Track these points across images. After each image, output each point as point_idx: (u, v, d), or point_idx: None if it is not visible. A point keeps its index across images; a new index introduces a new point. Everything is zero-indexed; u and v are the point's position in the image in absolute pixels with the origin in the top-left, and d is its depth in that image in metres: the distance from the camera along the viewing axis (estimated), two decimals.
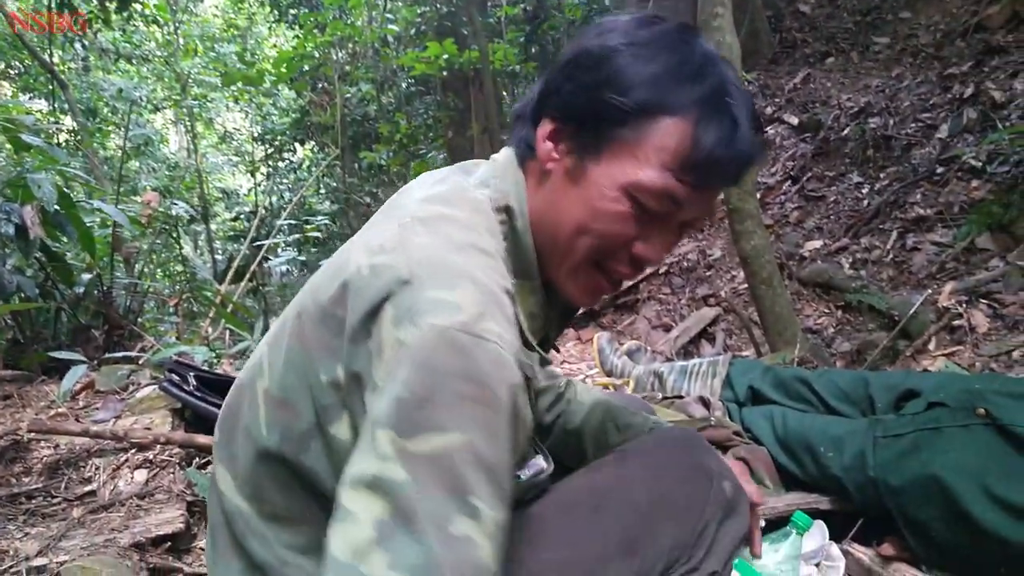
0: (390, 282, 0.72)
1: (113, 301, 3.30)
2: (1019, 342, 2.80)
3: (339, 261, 0.82)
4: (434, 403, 0.64)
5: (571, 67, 0.89)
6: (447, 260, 0.75)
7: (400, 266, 0.74)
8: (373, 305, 0.72)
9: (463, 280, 0.73)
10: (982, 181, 3.83)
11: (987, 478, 1.47)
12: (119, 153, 9.38)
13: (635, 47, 0.85)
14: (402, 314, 0.70)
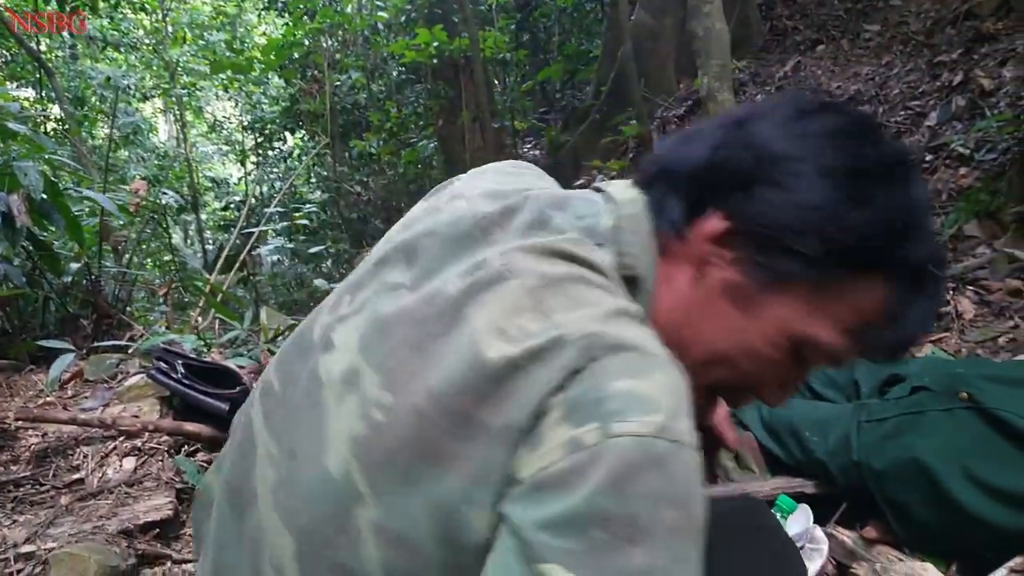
0: (558, 371, 0.56)
1: (102, 290, 3.29)
2: (1005, 328, 2.82)
3: (450, 347, 0.61)
4: (628, 534, 0.51)
5: (779, 169, 0.67)
6: (619, 337, 0.58)
7: (563, 348, 0.57)
8: (540, 401, 0.56)
9: (648, 363, 0.58)
10: (970, 168, 3.84)
11: (969, 461, 1.48)
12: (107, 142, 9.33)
13: (859, 175, 0.67)
14: (583, 410, 0.54)
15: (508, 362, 0.57)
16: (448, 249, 0.70)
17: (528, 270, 0.64)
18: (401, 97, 8.26)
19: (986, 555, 1.44)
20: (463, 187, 0.80)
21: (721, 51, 2.98)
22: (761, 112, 0.73)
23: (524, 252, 0.66)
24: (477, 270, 0.65)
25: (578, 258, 0.66)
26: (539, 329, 0.59)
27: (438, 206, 0.78)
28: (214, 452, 2.06)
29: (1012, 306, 2.92)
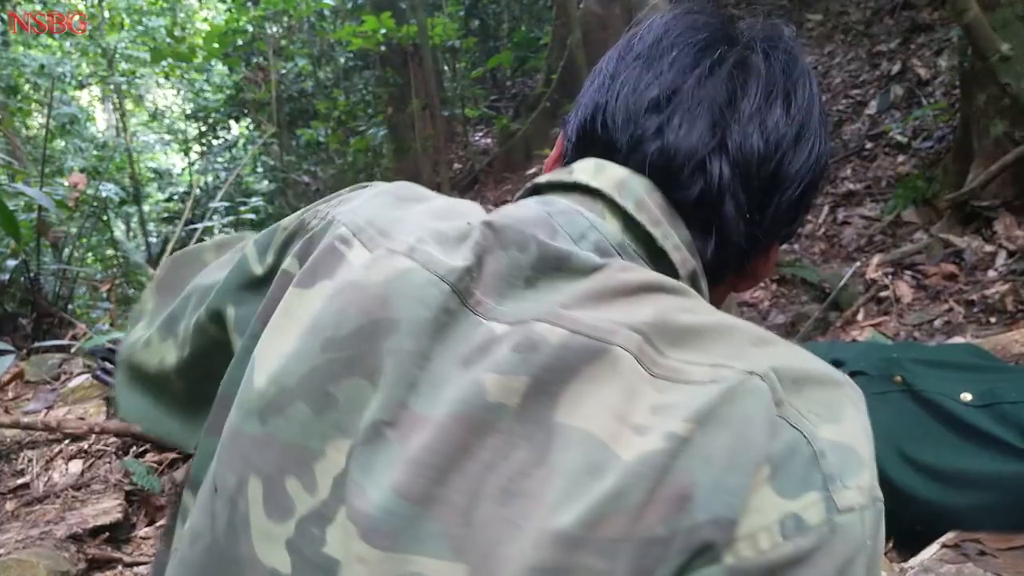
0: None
1: (41, 288, 3.19)
2: (940, 311, 2.94)
3: (557, 470, 0.43)
4: None
5: (818, 161, 0.58)
6: (796, 368, 0.46)
7: (737, 400, 0.43)
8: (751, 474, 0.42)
9: (837, 397, 0.47)
10: (908, 156, 3.98)
11: (902, 442, 1.56)
12: (42, 132, 9.02)
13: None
14: (793, 471, 0.42)
15: (665, 451, 0.41)
16: (427, 339, 0.48)
17: (620, 327, 0.45)
18: (349, 84, 8.16)
19: (920, 531, 1.51)
20: (378, 235, 0.55)
21: None
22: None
23: (591, 304, 0.48)
24: (529, 352, 0.45)
25: (660, 286, 0.50)
26: (687, 397, 0.43)
27: (353, 279, 0.52)
28: (163, 452, 2.03)
29: (947, 290, 3.04)
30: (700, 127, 0.54)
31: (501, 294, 0.49)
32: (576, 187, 0.56)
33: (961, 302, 2.92)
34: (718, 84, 0.55)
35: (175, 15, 10.15)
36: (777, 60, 0.57)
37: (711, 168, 0.53)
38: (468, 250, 0.51)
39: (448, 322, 0.48)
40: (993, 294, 2.81)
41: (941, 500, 1.46)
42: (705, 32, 0.58)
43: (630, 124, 0.55)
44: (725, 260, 0.57)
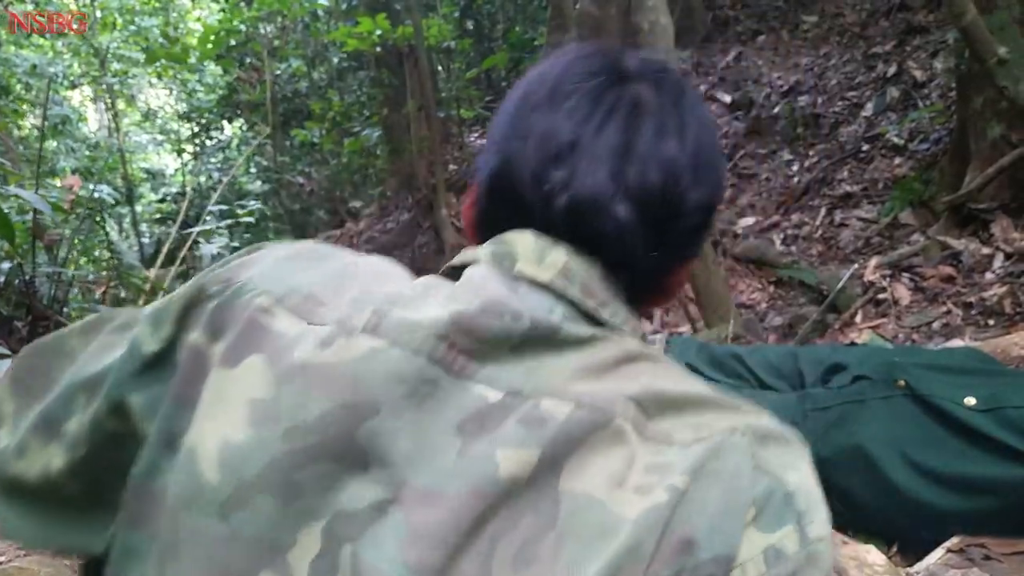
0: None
1: (37, 291, 3.17)
2: (938, 313, 2.94)
3: (568, 538, 0.46)
4: None
5: (716, 184, 0.63)
6: (760, 426, 0.53)
7: (724, 455, 0.50)
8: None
9: (794, 452, 0.53)
10: (904, 158, 3.99)
11: (906, 446, 1.55)
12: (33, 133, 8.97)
13: None
14: (771, 510, 0.49)
15: (667, 503, 0.45)
16: (413, 413, 0.49)
17: (618, 398, 0.49)
18: (343, 85, 8.13)
19: (925, 536, 1.51)
20: (309, 303, 0.53)
21: (666, 44, 3.02)
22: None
23: (588, 377, 0.51)
24: (537, 427, 0.47)
25: (638, 355, 0.54)
26: (678, 457, 0.48)
27: (306, 361, 0.50)
28: None
29: (945, 292, 3.04)
30: (602, 174, 0.56)
31: (484, 356, 0.50)
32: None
33: (959, 304, 2.92)
34: (615, 129, 0.57)
35: (167, 15, 10.10)
36: (667, 94, 0.60)
37: (615, 211, 0.56)
38: (446, 317, 0.51)
39: (431, 392, 0.49)
40: (991, 296, 2.82)
41: (945, 504, 1.46)
42: (600, 75, 0.60)
43: (538, 180, 0.57)
44: (640, 289, 0.61)
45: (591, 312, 0.55)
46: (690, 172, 0.58)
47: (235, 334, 0.52)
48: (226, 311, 0.54)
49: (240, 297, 0.54)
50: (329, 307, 0.53)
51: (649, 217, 0.57)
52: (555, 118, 0.58)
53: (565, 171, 0.56)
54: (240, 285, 0.55)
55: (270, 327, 0.52)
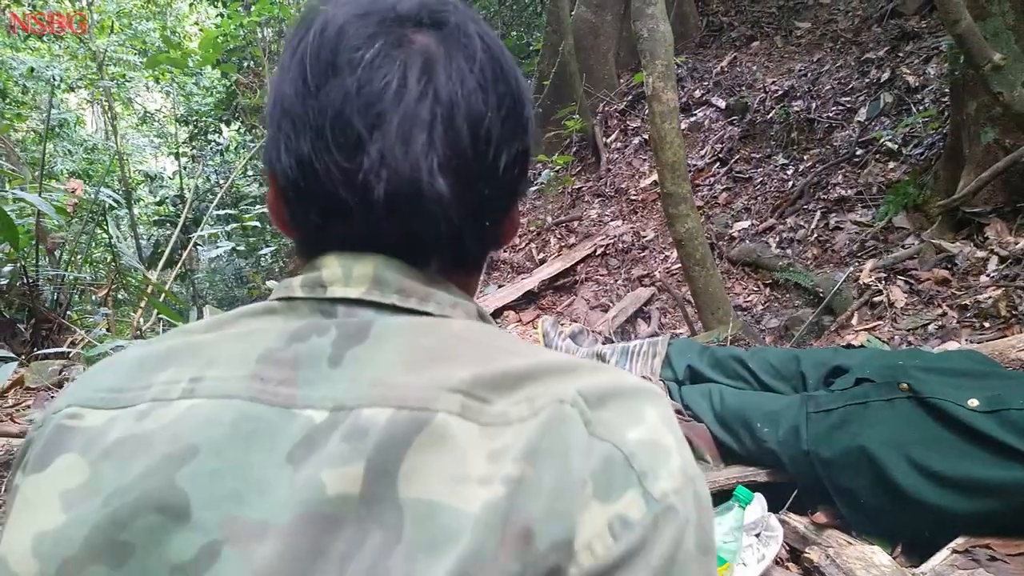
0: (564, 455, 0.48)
1: (40, 294, 3.18)
2: (933, 316, 2.98)
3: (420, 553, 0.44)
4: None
5: (524, 119, 0.60)
6: (595, 386, 0.52)
7: (554, 429, 0.48)
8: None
9: (637, 400, 0.53)
10: (898, 163, 4.03)
11: (910, 448, 1.58)
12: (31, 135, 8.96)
13: None
14: (610, 479, 0.48)
15: (505, 496, 0.44)
16: (237, 451, 0.47)
17: (439, 392, 0.48)
18: None
19: (929, 537, 1.54)
20: (115, 395, 0.52)
21: (665, 51, 3.05)
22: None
23: (406, 371, 0.49)
24: (359, 439, 0.46)
25: (461, 335, 0.54)
26: (513, 438, 0.46)
27: (121, 437, 0.49)
28: None
29: (940, 295, 3.08)
30: (413, 152, 0.52)
31: (308, 381, 0.49)
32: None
33: (954, 307, 2.96)
34: (412, 97, 0.52)
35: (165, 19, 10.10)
36: (454, 39, 0.55)
37: (436, 189, 0.52)
38: (253, 360, 0.51)
39: (256, 427, 0.47)
40: (986, 299, 2.86)
41: (950, 506, 1.49)
42: (380, 37, 0.54)
43: (347, 175, 0.52)
44: (477, 245, 0.60)
45: (417, 310, 0.55)
46: (499, 123, 0.55)
47: (40, 446, 0.51)
48: (38, 440, 0.53)
49: (49, 424, 0.53)
50: (137, 391, 0.51)
51: (466, 182, 0.54)
52: (344, 98, 0.52)
53: (372, 157, 0.52)
54: (48, 417, 0.54)
55: (77, 427, 0.51)
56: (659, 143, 3.13)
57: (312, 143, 0.53)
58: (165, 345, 0.55)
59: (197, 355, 0.53)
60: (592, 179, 5.81)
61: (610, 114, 6.18)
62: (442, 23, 0.56)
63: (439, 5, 0.57)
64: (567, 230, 5.32)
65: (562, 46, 5.98)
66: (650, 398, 0.52)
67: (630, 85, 6.32)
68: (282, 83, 0.56)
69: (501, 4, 8.36)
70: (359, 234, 0.55)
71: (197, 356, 0.53)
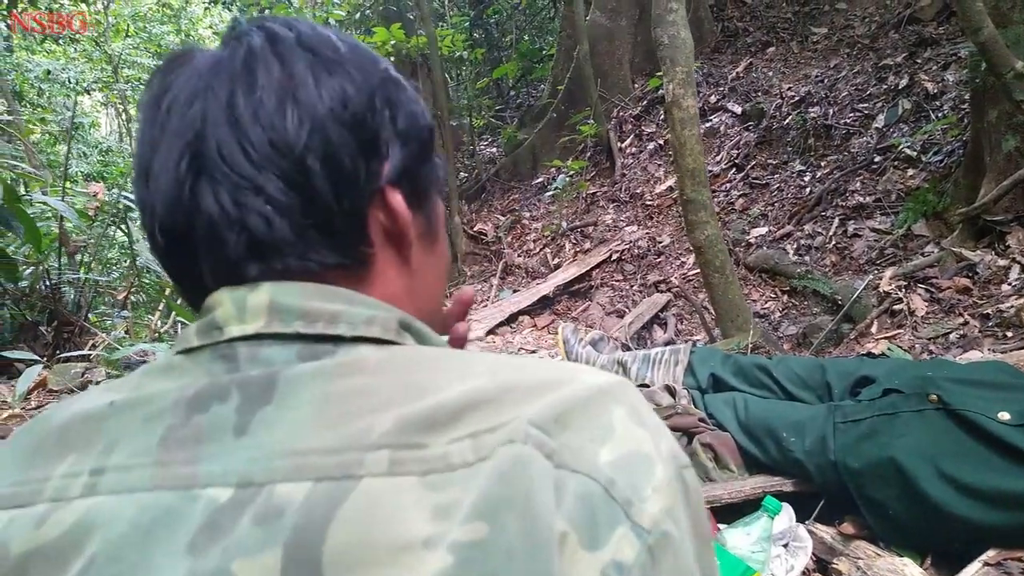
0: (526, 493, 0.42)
1: (62, 297, 3.20)
2: (955, 325, 2.97)
3: None
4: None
5: (395, 122, 0.57)
6: (546, 405, 0.46)
7: (510, 468, 0.42)
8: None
9: (598, 405, 0.47)
10: (917, 170, 4.02)
11: (940, 460, 1.58)
12: (46, 137, 9.02)
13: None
14: (592, 519, 0.41)
15: (456, 564, 0.37)
16: (134, 549, 0.42)
17: (362, 453, 0.41)
18: None
19: (960, 549, 1.53)
20: (56, 482, 0.46)
21: (686, 58, 3.05)
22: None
23: (320, 433, 0.43)
24: (274, 520, 0.40)
25: (380, 367, 0.47)
26: (462, 490, 0.39)
27: (24, 550, 0.44)
28: None
29: (961, 303, 3.07)
30: (170, 165, 0.50)
31: (211, 456, 0.43)
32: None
33: (976, 316, 2.95)
34: (175, 118, 0.51)
35: (179, 23, 10.16)
36: (270, 43, 0.53)
37: (207, 201, 0.49)
38: (155, 442, 0.45)
39: (154, 516, 0.42)
40: (1008, 308, 2.84)
41: (981, 518, 1.48)
42: (168, 69, 0.54)
43: (143, 204, 0.52)
44: (335, 238, 0.53)
45: (327, 335, 0.49)
46: (294, 108, 0.50)
47: None
48: None
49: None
50: (34, 485, 0.46)
51: (290, 178, 0.50)
52: (144, 134, 0.52)
53: (151, 185, 0.51)
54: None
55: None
56: (679, 150, 3.13)
57: (139, 192, 0.53)
58: (63, 421, 0.50)
59: (96, 437, 0.47)
60: (607, 184, 5.81)
61: (625, 119, 6.18)
62: (264, 28, 0.54)
63: (235, 23, 0.56)
64: (582, 235, 5.32)
65: (577, 51, 5.99)
66: (612, 394, 0.46)
67: (645, 90, 6.32)
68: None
69: (514, 9, 8.38)
70: (211, 264, 0.51)
71: (96, 439, 0.47)
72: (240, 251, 0.50)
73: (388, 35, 5.68)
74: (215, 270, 0.51)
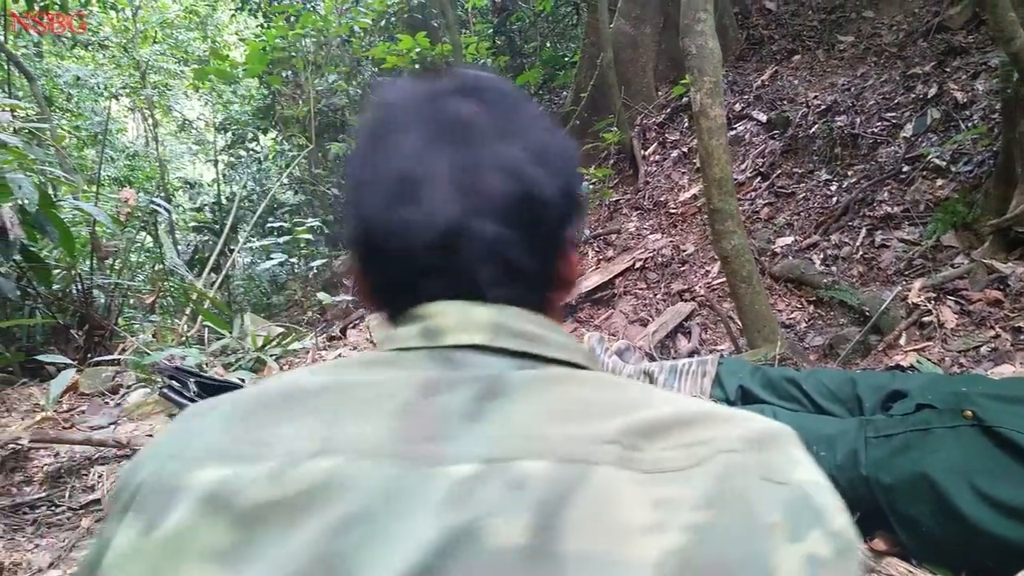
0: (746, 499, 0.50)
1: (93, 301, 3.25)
2: (986, 337, 2.93)
3: None
4: None
5: (571, 178, 0.64)
6: (752, 430, 0.54)
7: (731, 476, 0.50)
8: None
9: (784, 440, 0.55)
10: (947, 180, 3.97)
11: (975, 476, 1.56)
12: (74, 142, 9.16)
13: None
14: (796, 519, 0.49)
15: (689, 542, 0.44)
16: (385, 519, 0.47)
17: (594, 446, 0.49)
18: None
19: (994, 568, 1.51)
20: (284, 445, 0.51)
21: (714, 68, 3.05)
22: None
23: (554, 424, 0.50)
24: (519, 490, 0.46)
25: (599, 383, 0.55)
26: (681, 487, 0.47)
27: (257, 500, 0.48)
28: None
29: (992, 316, 3.03)
30: (447, 199, 0.56)
31: (449, 437, 0.49)
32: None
33: (1008, 329, 2.91)
34: (447, 150, 0.58)
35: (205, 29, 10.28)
36: (495, 104, 0.61)
37: (476, 231, 0.56)
38: (394, 415, 0.51)
39: (403, 489, 0.47)
40: None
41: (1016, 537, 1.46)
42: (426, 104, 0.61)
43: (391, 226, 0.57)
44: (541, 293, 0.62)
45: (537, 355, 0.56)
46: (534, 166, 0.59)
47: (149, 499, 0.51)
48: (137, 488, 0.52)
49: (147, 475, 0.53)
50: (253, 447, 0.51)
51: (515, 223, 0.57)
52: (388, 158, 0.59)
53: (417, 208, 0.56)
54: (142, 465, 0.54)
55: (190, 483, 0.50)
56: (706, 159, 3.12)
57: (375, 201, 0.58)
58: (276, 392, 0.55)
59: (315, 408, 0.53)
60: (630, 192, 5.80)
61: (648, 127, 6.17)
62: (482, 90, 0.62)
63: (481, 78, 0.64)
64: (605, 243, 5.31)
65: (600, 58, 5.99)
66: (791, 439, 0.53)
67: (669, 97, 6.31)
68: (349, 160, 0.63)
69: (537, 16, 8.39)
70: (437, 284, 0.58)
71: (316, 409, 0.52)
72: (483, 276, 0.57)
73: (413, 43, 5.72)
74: (449, 286, 0.58)
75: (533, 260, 0.59)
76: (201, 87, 9.35)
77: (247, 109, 9.43)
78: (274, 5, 7.02)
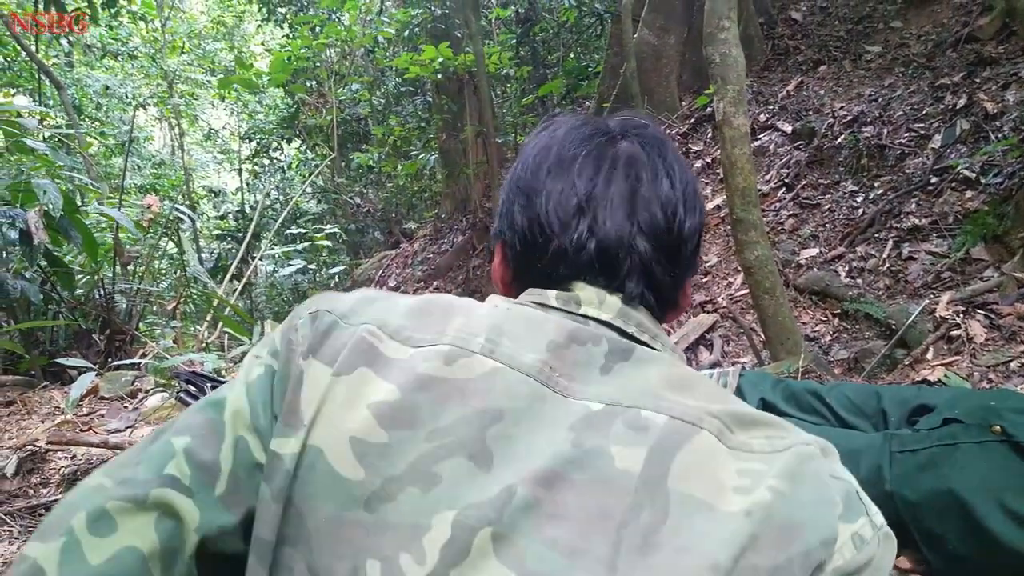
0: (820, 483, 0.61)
1: (115, 306, 3.27)
2: (1016, 352, 2.86)
3: (684, 529, 0.54)
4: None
5: (699, 203, 0.76)
6: (811, 440, 0.64)
7: (808, 460, 0.60)
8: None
9: (839, 463, 0.66)
10: (976, 192, 3.89)
11: (1004, 494, 1.51)
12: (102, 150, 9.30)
13: None
14: (850, 506, 0.60)
15: (773, 501, 0.54)
16: (528, 424, 0.58)
17: (704, 414, 0.59)
18: (400, 108, 8.27)
19: None
20: (412, 333, 0.64)
21: (737, 77, 3.01)
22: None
23: (671, 391, 0.61)
24: (642, 431, 0.57)
25: (699, 377, 0.65)
26: (762, 464, 0.57)
27: (432, 375, 0.60)
28: None
29: (1023, 330, 2.96)
30: (619, 218, 0.69)
31: (583, 379, 0.61)
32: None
33: None
34: (619, 180, 0.70)
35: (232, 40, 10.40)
36: (652, 146, 0.73)
37: (637, 246, 0.69)
38: (543, 347, 0.63)
39: (541, 406, 0.59)
40: None
41: None
42: (594, 139, 0.73)
43: (567, 229, 0.69)
44: (662, 306, 0.73)
45: (646, 344, 0.67)
46: (683, 205, 0.71)
47: (348, 351, 0.63)
48: (331, 335, 0.65)
49: (340, 326, 0.66)
50: (425, 334, 0.64)
51: (662, 247, 0.70)
52: (567, 178, 0.70)
53: (588, 220, 0.69)
54: (342, 316, 0.67)
55: (378, 348, 0.63)
56: (729, 169, 3.08)
57: (542, 207, 0.70)
58: (437, 298, 0.69)
59: (479, 318, 0.65)
60: None
61: (672, 136, 6.13)
62: (643, 136, 0.74)
63: (638, 123, 0.76)
64: None
65: (624, 68, 5.97)
66: (838, 456, 0.63)
67: (692, 108, 6.27)
68: (517, 169, 0.75)
69: (561, 27, 8.40)
70: (597, 270, 0.70)
71: (480, 319, 0.65)
72: (631, 280, 0.69)
73: (436, 53, 5.74)
74: (600, 274, 0.69)
75: (667, 277, 0.71)
76: (227, 96, 9.46)
77: (272, 119, 9.54)
78: (300, 16, 7.09)
